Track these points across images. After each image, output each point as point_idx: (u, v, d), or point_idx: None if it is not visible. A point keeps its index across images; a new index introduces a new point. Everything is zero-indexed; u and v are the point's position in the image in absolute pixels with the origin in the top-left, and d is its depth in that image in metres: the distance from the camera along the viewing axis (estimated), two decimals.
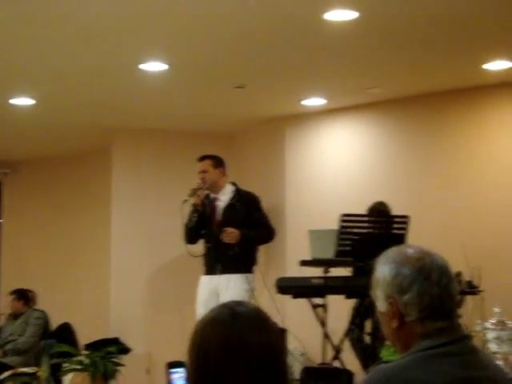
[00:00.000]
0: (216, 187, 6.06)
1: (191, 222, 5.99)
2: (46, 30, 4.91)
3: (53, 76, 5.97)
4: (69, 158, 9.04)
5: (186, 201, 5.93)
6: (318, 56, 5.50)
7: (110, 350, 5.12)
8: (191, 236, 6.08)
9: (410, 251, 1.83)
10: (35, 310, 7.80)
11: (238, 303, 1.56)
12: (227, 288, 5.76)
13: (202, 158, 6.15)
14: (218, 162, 6.13)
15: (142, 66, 5.63)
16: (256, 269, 6.05)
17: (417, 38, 5.13)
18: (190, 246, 6.07)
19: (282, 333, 5.63)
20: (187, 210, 6.04)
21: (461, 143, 6.42)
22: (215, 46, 5.28)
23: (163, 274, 7.65)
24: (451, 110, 6.47)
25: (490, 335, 4.28)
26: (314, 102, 6.75)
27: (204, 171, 6.04)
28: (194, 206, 5.95)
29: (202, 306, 5.77)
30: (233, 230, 5.79)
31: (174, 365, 1.67)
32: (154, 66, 5.66)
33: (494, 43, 5.31)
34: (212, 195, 6.08)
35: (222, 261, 5.86)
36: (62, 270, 8.96)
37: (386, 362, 1.80)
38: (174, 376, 1.66)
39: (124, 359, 5.40)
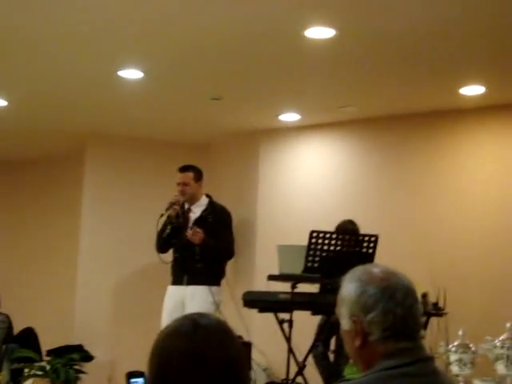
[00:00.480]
0: (193, 199, 6.06)
1: (164, 233, 5.98)
2: (24, 32, 4.88)
3: (28, 77, 5.92)
4: (41, 161, 8.96)
5: (162, 215, 5.92)
6: (295, 71, 5.53)
7: (72, 356, 5.07)
8: (163, 245, 6.07)
9: (375, 270, 1.84)
10: None
11: (201, 315, 1.56)
12: (193, 299, 5.74)
13: (184, 169, 6.09)
14: (199, 175, 6.11)
15: (120, 73, 5.61)
16: (223, 282, 6.04)
17: (393, 59, 5.18)
18: (161, 254, 6.05)
19: (246, 347, 5.61)
20: (162, 220, 6.02)
21: (433, 165, 6.47)
22: (192, 57, 5.28)
23: (130, 283, 7.60)
24: (425, 131, 6.52)
25: (453, 357, 4.30)
26: (289, 117, 6.78)
27: (185, 184, 6.01)
28: (169, 217, 5.94)
29: (168, 316, 5.74)
30: (199, 231, 5.78)
31: (133, 375, 1.66)
32: (131, 74, 5.64)
33: (470, 68, 5.37)
34: (186, 206, 6.06)
35: (189, 272, 5.85)
36: (27, 273, 8.86)
37: (348, 380, 1.80)
38: None
39: (86, 367, 5.35)
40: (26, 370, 5.11)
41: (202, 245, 5.79)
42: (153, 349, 1.53)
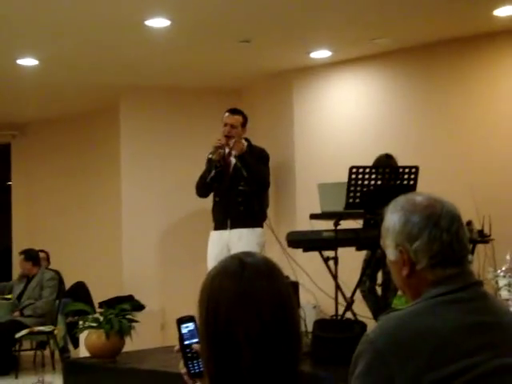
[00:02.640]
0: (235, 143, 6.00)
1: (208, 177, 5.94)
2: None
3: (56, 34, 5.93)
4: (76, 118, 9.02)
5: (209, 158, 5.90)
6: (324, 6, 5.43)
7: (124, 307, 5.15)
8: (205, 189, 6.05)
9: (418, 198, 1.82)
10: (48, 270, 7.86)
11: (247, 254, 1.56)
12: (238, 242, 5.75)
13: (235, 112, 5.98)
14: (246, 121, 6.03)
15: (147, 23, 5.57)
16: (266, 223, 6.05)
17: None
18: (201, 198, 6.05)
19: (293, 286, 5.65)
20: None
21: (470, 91, 6.36)
22: (218, 0, 5.21)
23: (175, 231, 7.69)
24: (459, 58, 6.39)
25: (502, 282, 4.29)
26: (321, 54, 6.69)
27: (233, 126, 5.93)
28: (214, 162, 5.91)
29: (213, 261, 5.78)
30: (242, 142, 5.75)
31: (183, 320, 1.67)
32: (158, 23, 5.60)
33: None
34: (227, 150, 5.99)
35: (231, 215, 5.85)
36: (74, 229, 9.01)
37: (397, 310, 1.80)
38: (185, 331, 1.65)
39: (138, 316, 5.44)
40: (81, 323, 5.22)
41: (241, 158, 5.75)
42: (202, 291, 1.54)
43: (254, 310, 1.46)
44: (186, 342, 1.65)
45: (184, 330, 1.65)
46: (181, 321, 1.66)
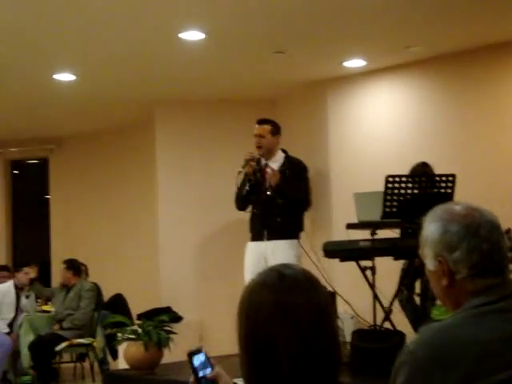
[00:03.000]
0: (269, 154, 5.99)
1: (243, 190, 5.97)
2: (83, 3, 4.93)
3: (92, 49, 6.01)
4: (112, 131, 9.12)
5: (240, 172, 5.90)
6: (357, 15, 5.43)
7: (162, 318, 5.18)
8: (242, 203, 6.08)
9: (457, 208, 1.80)
10: (86, 282, 7.92)
11: (286, 266, 1.56)
12: (274, 254, 5.74)
13: (262, 122, 6.01)
14: (277, 129, 6.03)
15: (181, 35, 5.62)
16: (302, 235, 6.03)
17: None
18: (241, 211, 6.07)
19: (330, 296, 5.63)
20: (240, 178, 6.02)
21: (505, 97, 6.29)
22: (252, 12, 5.24)
23: (211, 242, 7.72)
24: (494, 64, 6.33)
25: None
26: (355, 63, 6.67)
27: (261, 136, 5.95)
28: (247, 175, 5.93)
29: (250, 273, 5.78)
30: (277, 173, 5.77)
31: (193, 353, 1.67)
32: (192, 35, 5.64)
33: None
34: (263, 161, 6.00)
35: (268, 227, 5.85)
36: (111, 242, 9.09)
37: (437, 321, 1.79)
38: (197, 363, 1.65)
39: (176, 327, 5.46)
40: (119, 335, 5.26)
41: (277, 187, 5.76)
42: (240, 303, 1.54)
43: (292, 321, 1.46)
44: (200, 374, 1.65)
45: (196, 363, 1.65)
46: (191, 354, 1.66)
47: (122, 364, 5.90)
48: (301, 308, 1.47)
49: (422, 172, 5.51)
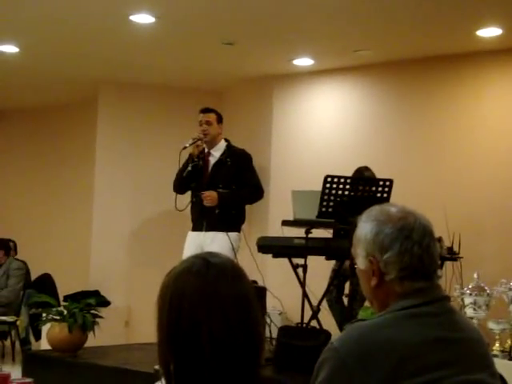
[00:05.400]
0: (213, 142, 5.96)
1: (184, 172, 5.90)
2: None
3: (38, 22, 5.87)
4: (54, 108, 8.95)
5: (185, 148, 5.82)
6: (309, 14, 5.44)
7: (89, 301, 5.10)
8: (181, 185, 5.98)
9: (392, 210, 1.82)
10: (15, 260, 7.77)
11: (212, 254, 1.55)
12: (211, 245, 5.70)
13: (207, 111, 6.00)
14: (220, 118, 6.03)
15: (132, 18, 5.54)
16: (242, 228, 6.00)
17: (411, 0, 5.09)
18: (177, 199, 5.97)
19: (260, 291, 5.64)
20: (184, 157, 5.95)
21: (448, 109, 6.40)
22: (205, 1, 5.20)
23: (147, 229, 7.64)
24: (441, 75, 6.44)
25: (468, 300, 4.32)
26: (303, 62, 6.70)
27: (209, 123, 5.93)
28: (191, 155, 5.88)
29: None
30: (209, 194, 5.72)
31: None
32: (143, 18, 5.57)
33: (487, 9, 5.27)
34: (206, 149, 5.97)
35: (207, 218, 5.80)
36: (43, 220, 8.94)
37: (363, 320, 1.80)
38: None
39: (103, 312, 5.39)
40: (44, 315, 5.16)
41: (221, 203, 5.72)
42: (163, 288, 1.52)
43: (218, 309, 1.45)
44: None
45: None
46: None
47: (44, 345, 5.80)
48: (226, 296, 1.47)
49: (361, 175, 5.56)
